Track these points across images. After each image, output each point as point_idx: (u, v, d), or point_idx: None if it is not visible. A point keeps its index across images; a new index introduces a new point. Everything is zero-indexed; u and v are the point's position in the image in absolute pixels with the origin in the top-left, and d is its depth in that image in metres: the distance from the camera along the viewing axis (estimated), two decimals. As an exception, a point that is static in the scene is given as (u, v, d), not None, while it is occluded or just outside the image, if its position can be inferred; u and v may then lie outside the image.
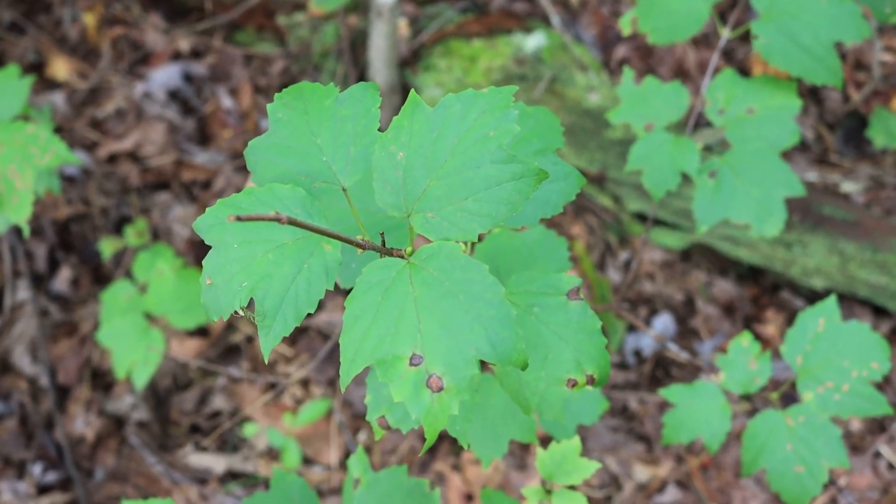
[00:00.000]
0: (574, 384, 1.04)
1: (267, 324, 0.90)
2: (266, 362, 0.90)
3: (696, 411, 1.65)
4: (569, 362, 1.03)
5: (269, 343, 0.90)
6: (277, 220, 0.76)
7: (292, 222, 0.78)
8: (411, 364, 0.85)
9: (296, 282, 0.90)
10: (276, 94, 1.02)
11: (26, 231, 1.76)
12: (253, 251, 0.91)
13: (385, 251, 0.94)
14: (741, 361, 1.66)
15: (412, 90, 0.93)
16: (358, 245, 0.90)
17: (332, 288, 0.90)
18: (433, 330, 0.85)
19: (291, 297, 0.90)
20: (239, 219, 0.73)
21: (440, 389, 0.84)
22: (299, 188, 0.94)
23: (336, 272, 0.90)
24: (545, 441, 2.08)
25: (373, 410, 1.11)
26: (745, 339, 1.67)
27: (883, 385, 2.35)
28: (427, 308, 0.86)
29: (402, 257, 0.92)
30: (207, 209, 0.94)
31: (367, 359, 0.86)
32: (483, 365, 0.88)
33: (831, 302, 1.62)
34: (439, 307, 0.85)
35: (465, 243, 1.08)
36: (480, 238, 1.33)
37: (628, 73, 1.80)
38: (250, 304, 0.92)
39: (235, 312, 0.90)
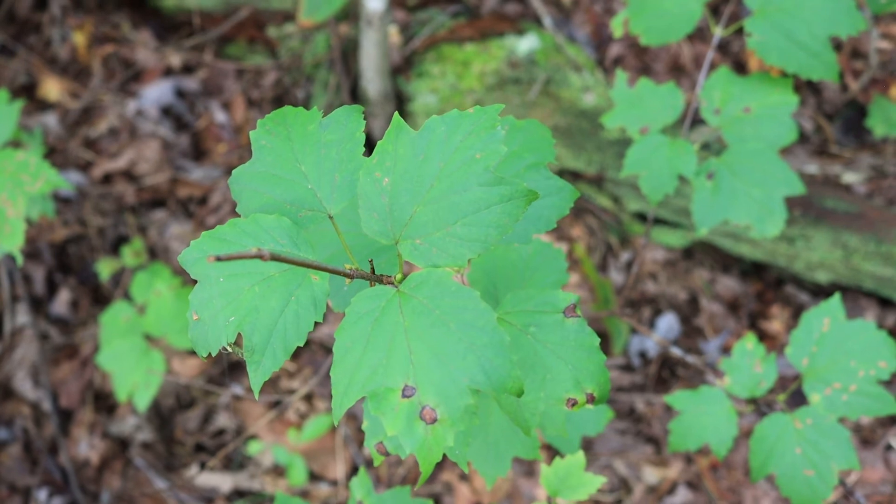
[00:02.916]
0: (574, 403, 1.02)
1: (256, 359, 0.88)
2: (256, 398, 0.88)
3: (702, 417, 1.63)
4: (568, 381, 1.01)
5: (258, 379, 0.88)
6: (260, 257, 0.74)
7: (276, 258, 0.76)
8: (404, 396, 0.82)
9: (284, 315, 0.88)
10: (259, 121, 1.00)
11: (20, 260, 1.75)
12: (239, 285, 0.89)
13: (374, 279, 0.92)
14: (746, 365, 1.63)
15: (395, 113, 0.91)
16: (346, 275, 0.88)
17: (321, 320, 0.87)
18: (425, 360, 0.83)
19: (280, 330, 0.88)
20: (219, 259, 0.71)
21: (434, 421, 0.81)
22: (284, 218, 0.92)
23: (325, 303, 0.88)
24: (550, 451, 2.06)
25: (370, 437, 1.09)
26: (749, 342, 1.64)
27: (892, 381, 2.32)
28: (418, 337, 0.83)
29: (391, 284, 0.90)
30: (192, 242, 0.92)
31: (359, 391, 0.84)
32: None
33: (835, 301, 1.59)
34: (430, 336, 0.83)
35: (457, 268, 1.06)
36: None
37: (621, 76, 1.77)
38: (238, 339, 0.89)
39: (224, 348, 0.88)
